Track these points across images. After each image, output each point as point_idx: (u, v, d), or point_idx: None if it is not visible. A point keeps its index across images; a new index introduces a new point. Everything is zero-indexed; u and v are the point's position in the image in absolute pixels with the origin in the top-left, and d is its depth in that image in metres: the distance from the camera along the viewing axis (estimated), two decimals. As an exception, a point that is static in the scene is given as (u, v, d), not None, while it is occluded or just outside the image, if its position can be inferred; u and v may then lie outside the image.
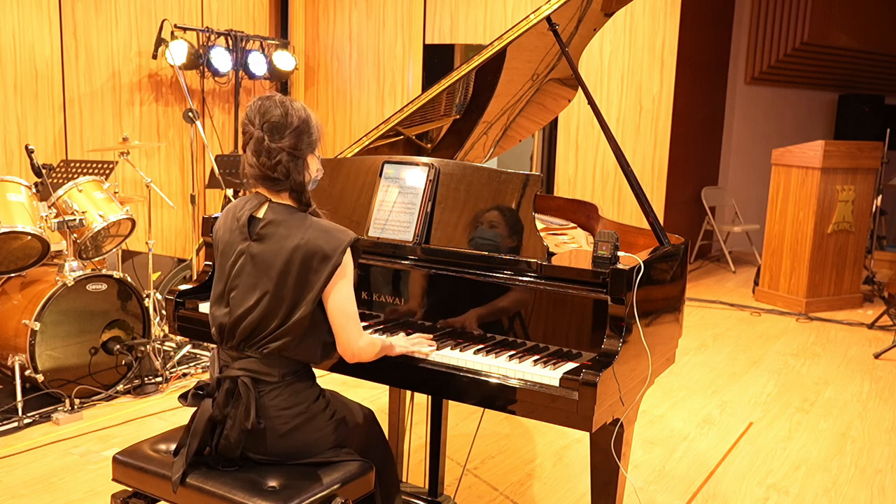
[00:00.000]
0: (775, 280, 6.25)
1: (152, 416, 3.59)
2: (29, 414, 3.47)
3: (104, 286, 3.73)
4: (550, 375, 1.83)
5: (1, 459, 3.11)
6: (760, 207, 7.36)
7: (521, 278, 2.03)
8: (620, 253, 1.96)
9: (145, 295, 4.07)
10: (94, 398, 3.72)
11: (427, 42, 6.56)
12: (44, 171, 3.70)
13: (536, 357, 1.95)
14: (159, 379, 3.92)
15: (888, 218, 8.24)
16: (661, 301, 2.17)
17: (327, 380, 3.28)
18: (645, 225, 2.32)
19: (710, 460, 3.36)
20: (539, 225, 2.24)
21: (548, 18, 2.43)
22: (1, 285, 3.77)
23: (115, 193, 3.96)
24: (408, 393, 2.84)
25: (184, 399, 1.95)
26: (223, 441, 1.88)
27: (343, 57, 6.85)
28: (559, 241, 2.53)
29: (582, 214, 2.81)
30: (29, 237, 3.51)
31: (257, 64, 6.19)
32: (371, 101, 6.79)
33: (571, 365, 1.90)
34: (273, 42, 6.46)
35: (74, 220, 3.65)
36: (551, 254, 2.04)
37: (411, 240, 2.18)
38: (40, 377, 3.51)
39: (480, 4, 6.36)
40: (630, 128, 6.16)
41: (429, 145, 2.90)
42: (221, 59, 5.86)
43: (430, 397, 2.57)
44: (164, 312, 3.52)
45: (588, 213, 2.78)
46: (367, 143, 2.58)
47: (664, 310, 2.20)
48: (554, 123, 6.38)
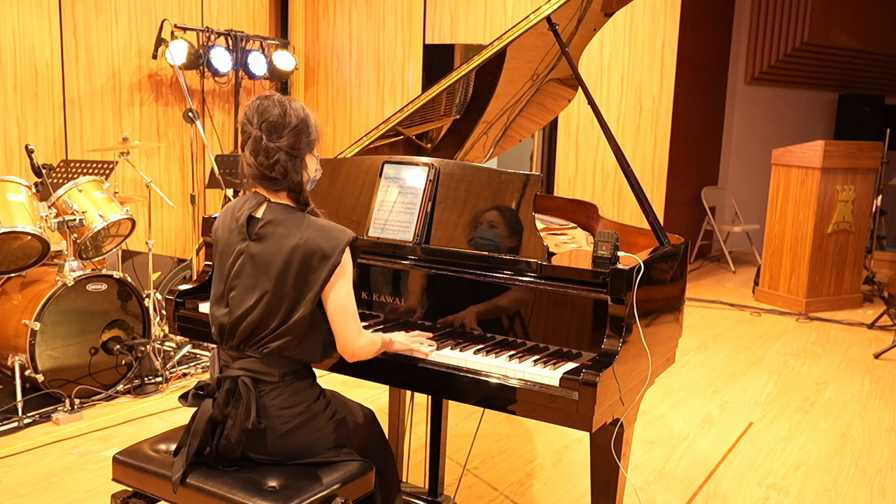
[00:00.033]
0: (775, 280, 6.25)
1: (152, 416, 3.59)
2: (29, 414, 3.48)
3: (104, 286, 3.73)
4: (550, 375, 1.83)
5: (1, 459, 3.11)
6: (760, 207, 7.36)
7: (521, 278, 2.03)
8: (620, 253, 1.96)
9: (145, 295, 4.07)
10: (94, 398, 3.72)
11: (427, 42, 6.56)
12: (44, 171, 3.70)
13: (536, 357, 1.95)
14: (159, 379, 3.92)
15: (888, 218, 8.24)
16: (661, 301, 2.17)
17: (327, 380, 3.27)
18: (645, 225, 2.32)
19: (710, 460, 3.36)
20: (539, 225, 2.24)
21: (548, 18, 2.43)
22: (1, 285, 3.78)
23: (115, 193, 3.96)
24: (408, 393, 2.84)
25: (184, 399, 1.95)
26: (223, 441, 1.88)
27: (343, 57, 6.85)
28: (559, 241, 2.53)
29: (582, 214, 2.81)
30: (29, 237, 3.51)
31: (257, 64, 6.19)
32: (371, 101, 6.79)
33: (571, 365, 1.90)
34: (273, 42, 6.46)
35: (74, 220, 3.65)
36: (551, 254, 2.04)
37: (411, 240, 2.18)
38: (40, 377, 3.51)
39: (480, 4, 6.36)
40: (630, 128, 6.16)
41: (429, 145, 2.90)
42: (221, 59, 5.86)
43: (430, 397, 2.57)
44: (164, 312, 3.52)
45: (588, 213, 2.78)
46: (367, 143, 2.58)
47: (664, 310, 2.20)
48: (554, 123, 6.37)
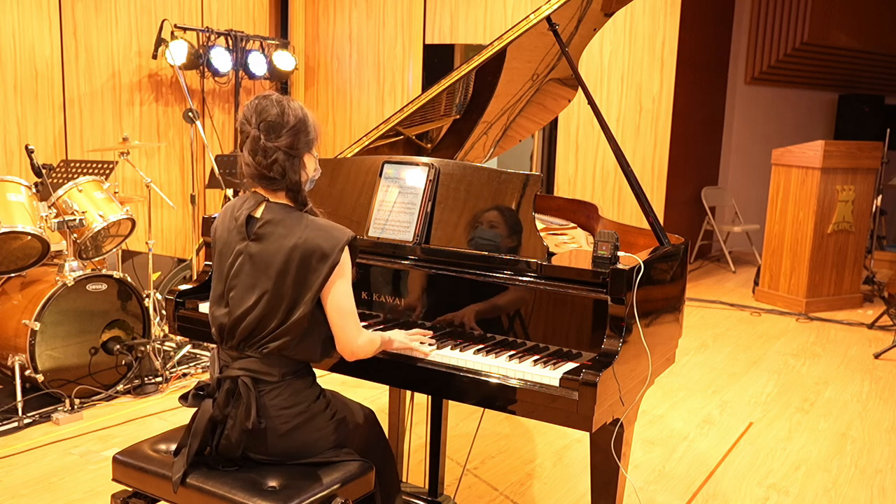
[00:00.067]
0: (775, 280, 6.25)
1: (152, 416, 3.59)
2: (29, 414, 3.48)
3: (104, 286, 3.73)
4: (550, 375, 1.83)
5: (1, 459, 3.11)
6: (760, 207, 7.36)
7: (521, 278, 2.03)
8: (620, 253, 1.96)
9: (145, 295, 4.07)
10: (94, 398, 3.72)
11: (427, 42, 6.56)
12: (44, 171, 3.70)
13: (536, 357, 1.95)
14: (159, 379, 3.92)
15: (888, 218, 8.24)
16: (661, 301, 2.17)
17: (327, 380, 3.27)
18: (645, 225, 2.32)
19: (710, 460, 3.36)
20: (539, 225, 2.24)
21: (548, 18, 2.43)
22: (1, 285, 3.77)
23: (115, 193, 3.96)
24: (408, 393, 2.84)
25: (184, 400, 1.95)
26: (224, 441, 1.88)
27: (343, 57, 6.85)
28: (559, 241, 2.53)
29: (582, 214, 2.81)
30: (29, 237, 3.51)
31: (257, 64, 6.19)
32: (371, 101, 6.79)
33: (571, 365, 1.90)
34: (273, 42, 6.46)
35: (74, 220, 3.65)
36: (551, 254, 2.04)
37: (411, 240, 2.18)
38: (40, 377, 3.51)
39: (480, 4, 6.36)
40: (630, 128, 6.16)
41: (429, 145, 2.90)
42: (221, 59, 5.86)
43: (430, 397, 2.57)
44: (164, 312, 3.52)
45: (588, 213, 2.78)
46: (367, 143, 2.58)
47: (664, 310, 2.20)
48: (554, 123, 6.37)
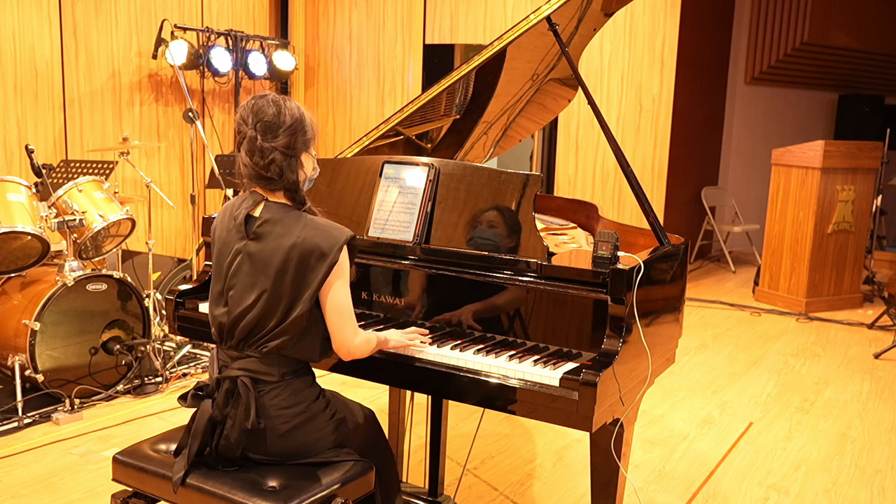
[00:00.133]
0: (775, 280, 6.25)
1: (152, 416, 3.59)
2: (29, 414, 3.48)
3: (104, 286, 3.73)
4: (550, 375, 1.83)
5: (1, 459, 3.11)
6: (760, 207, 7.36)
7: (521, 278, 2.03)
8: (620, 253, 1.96)
9: (145, 295, 4.07)
10: (94, 398, 3.72)
11: (427, 42, 6.56)
12: (44, 171, 3.70)
13: (536, 357, 1.95)
14: (159, 379, 3.92)
15: (888, 218, 8.24)
16: (661, 301, 2.17)
17: (327, 380, 3.27)
18: (645, 225, 2.32)
19: (710, 460, 3.35)
20: (539, 225, 2.24)
21: (548, 18, 2.42)
22: (1, 285, 3.77)
23: (115, 193, 3.96)
24: (408, 393, 2.84)
25: (183, 400, 1.95)
26: (223, 441, 1.88)
27: (343, 57, 6.85)
28: (559, 241, 2.53)
29: (582, 214, 2.81)
30: (29, 237, 3.51)
31: (257, 64, 6.19)
32: (371, 101, 6.79)
33: (571, 365, 1.90)
34: (273, 42, 6.46)
35: (74, 220, 3.65)
36: (551, 254, 2.04)
37: (411, 240, 2.18)
38: (40, 377, 3.51)
39: (480, 4, 6.36)
40: (630, 128, 6.16)
41: (429, 145, 2.90)
42: (221, 59, 5.86)
43: (430, 397, 2.57)
44: (164, 312, 3.52)
45: (588, 213, 2.77)
46: (367, 143, 2.58)
47: (664, 310, 2.20)
48: (554, 123, 6.37)
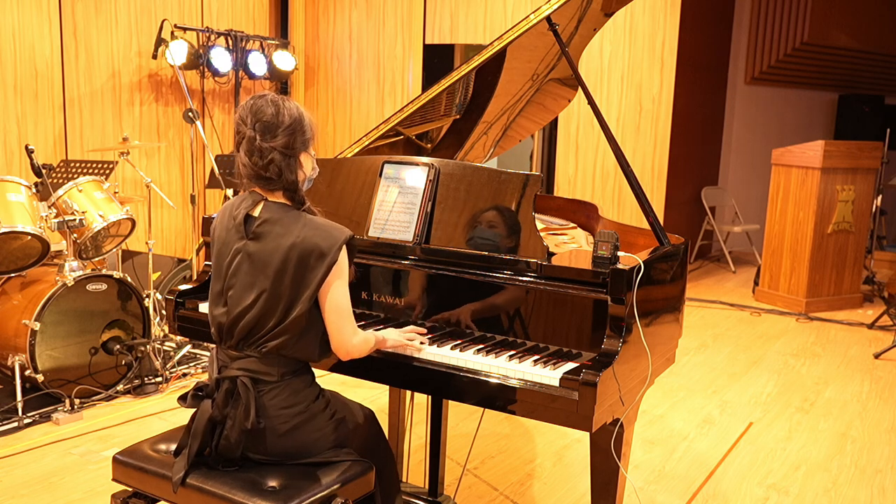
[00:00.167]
0: (775, 280, 6.25)
1: (152, 416, 3.59)
2: (29, 414, 3.48)
3: (104, 286, 3.73)
4: (550, 375, 1.83)
5: (1, 459, 3.11)
6: (760, 207, 7.36)
7: (521, 278, 2.02)
8: (620, 253, 1.96)
9: (145, 295, 4.07)
10: (94, 398, 3.72)
11: (427, 42, 6.56)
12: (44, 171, 3.70)
13: (536, 357, 1.95)
14: (159, 379, 3.92)
15: (888, 218, 8.24)
16: (661, 301, 2.17)
17: (327, 380, 3.27)
18: (645, 225, 2.32)
19: (710, 460, 3.35)
20: (539, 225, 2.24)
21: (548, 18, 2.42)
22: (1, 285, 3.77)
23: (115, 193, 3.96)
24: (408, 393, 2.84)
25: (183, 401, 1.95)
26: (223, 441, 1.88)
27: (343, 57, 6.85)
28: (559, 241, 2.53)
29: (582, 214, 2.81)
30: (29, 237, 3.51)
31: (257, 64, 6.19)
32: (371, 101, 6.79)
33: (571, 365, 1.90)
34: (273, 42, 6.46)
35: (74, 220, 3.65)
36: (551, 254, 2.04)
37: (411, 240, 2.18)
38: (40, 377, 3.51)
39: (480, 4, 6.36)
40: (630, 128, 6.16)
41: (429, 145, 2.90)
42: (221, 59, 5.86)
43: (430, 397, 2.57)
44: (164, 312, 3.52)
45: (588, 213, 2.77)
46: (367, 143, 2.58)
47: (664, 310, 2.20)
48: (554, 123, 6.37)
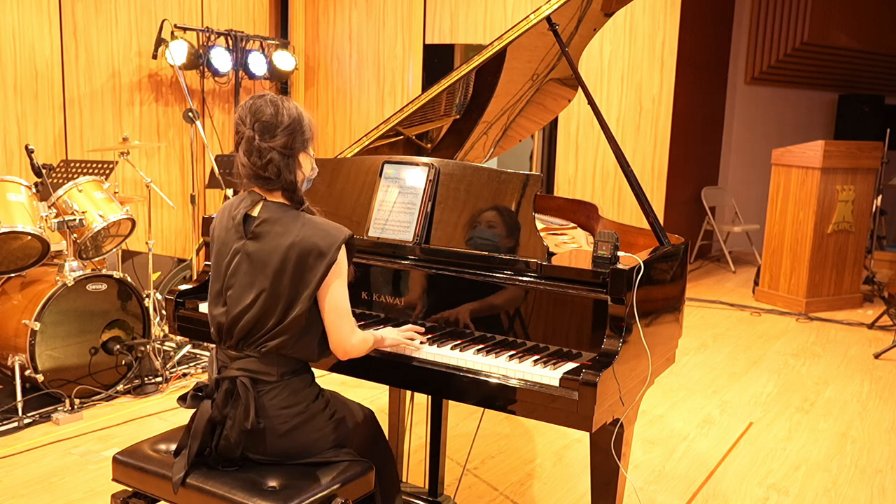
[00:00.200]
0: (775, 280, 6.25)
1: (152, 416, 3.59)
2: (29, 414, 3.48)
3: (104, 286, 3.73)
4: (550, 375, 1.83)
5: (1, 459, 3.11)
6: (760, 207, 7.36)
7: (521, 278, 2.02)
8: (620, 253, 1.96)
9: (145, 295, 4.07)
10: (94, 398, 3.72)
11: (427, 42, 6.56)
12: (44, 171, 3.70)
13: (536, 357, 1.95)
14: (159, 379, 3.92)
15: (888, 218, 8.24)
16: (661, 301, 2.17)
17: (327, 380, 3.28)
18: (645, 225, 2.32)
19: (710, 460, 3.35)
20: (539, 225, 2.24)
21: (548, 18, 2.42)
22: (1, 285, 3.77)
23: (115, 193, 3.96)
24: (408, 393, 2.84)
25: (182, 401, 1.95)
26: (223, 441, 1.88)
27: (343, 57, 6.85)
28: (559, 241, 2.53)
29: (582, 214, 2.81)
30: (29, 237, 3.51)
31: (257, 64, 6.19)
32: (371, 101, 6.79)
33: (571, 365, 1.90)
34: (273, 42, 6.46)
35: (74, 220, 3.65)
36: (551, 254, 2.04)
37: (411, 240, 2.18)
38: (40, 377, 3.51)
39: (480, 4, 6.36)
40: (630, 128, 6.16)
41: (429, 145, 2.90)
42: (221, 59, 5.86)
43: (430, 397, 2.57)
44: (164, 312, 3.52)
45: (588, 213, 2.77)
46: (367, 143, 2.58)
47: (664, 310, 2.20)
48: (554, 123, 6.37)
